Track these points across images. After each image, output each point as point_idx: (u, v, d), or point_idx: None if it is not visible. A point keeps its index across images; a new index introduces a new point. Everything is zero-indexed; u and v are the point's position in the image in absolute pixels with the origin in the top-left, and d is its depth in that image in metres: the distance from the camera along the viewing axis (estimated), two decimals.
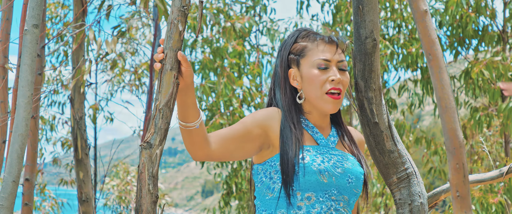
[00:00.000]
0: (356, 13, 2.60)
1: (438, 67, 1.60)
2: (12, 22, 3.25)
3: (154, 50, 6.01)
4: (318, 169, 2.02)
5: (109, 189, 9.57)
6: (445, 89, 1.61)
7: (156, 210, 1.87)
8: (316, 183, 2.02)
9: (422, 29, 1.62)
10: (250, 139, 2.04)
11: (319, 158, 2.05)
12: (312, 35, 2.18)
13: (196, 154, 1.97)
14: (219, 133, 2.01)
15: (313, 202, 2.03)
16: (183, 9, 1.88)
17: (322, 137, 2.13)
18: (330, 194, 2.03)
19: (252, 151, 2.07)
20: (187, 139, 1.95)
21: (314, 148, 2.08)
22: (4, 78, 3.27)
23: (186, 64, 1.90)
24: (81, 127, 5.33)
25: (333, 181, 2.03)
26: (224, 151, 2.00)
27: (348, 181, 2.05)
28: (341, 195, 2.05)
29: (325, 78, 2.09)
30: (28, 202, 4.01)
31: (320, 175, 2.02)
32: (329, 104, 2.09)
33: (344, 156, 2.11)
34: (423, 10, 1.62)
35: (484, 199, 5.01)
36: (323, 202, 2.03)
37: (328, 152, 2.09)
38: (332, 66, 2.11)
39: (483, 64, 5.84)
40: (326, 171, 2.03)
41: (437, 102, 1.63)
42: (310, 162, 2.03)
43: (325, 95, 2.09)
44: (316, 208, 2.02)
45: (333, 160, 2.07)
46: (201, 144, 1.95)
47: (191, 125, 1.93)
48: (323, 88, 2.09)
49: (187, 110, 1.93)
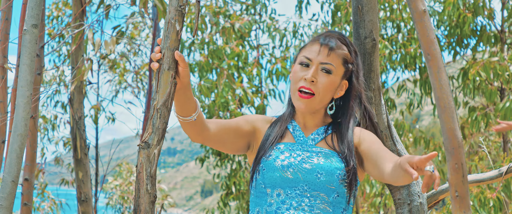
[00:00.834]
0: (355, 13, 2.60)
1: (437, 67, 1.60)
2: (12, 22, 3.25)
3: (152, 50, 6.00)
4: (280, 165, 2.06)
5: (112, 188, 9.58)
6: (443, 89, 1.61)
7: (154, 210, 1.87)
8: (281, 179, 2.05)
9: (421, 29, 1.62)
10: (241, 134, 2.15)
11: (285, 154, 2.08)
12: (320, 35, 2.19)
13: (194, 138, 2.09)
14: (217, 122, 2.11)
15: (283, 198, 2.05)
16: (180, 8, 1.88)
17: (302, 135, 2.15)
18: (301, 190, 2.04)
19: (242, 146, 2.18)
20: (186, 127, 2.05)
21: (287, 145, 2.12)
22: (3, 78, 3.27)
23: (183, 64, 1.92)
24: (80, 126, 5.32)
25: (300, 176, 2.04)
26: (218, 139, 2.11)
27: (316, 176, 2.04)
28: (315, 191, 2.04)
29: (301, 75, 2.11)
30: (27, 202, 4.01)
31: (283, 171, 2.05)
32: (298, 102, 2.12)
33: (320, 152, 2.10)
34: (422, 10, 1.62)
35: (482, 194, 5.02)
36: (293, 198, 2.04)
37: (301, 149, 2.11)
38: (312, 66, 2.11)
39: (480, 65, 5.84)
40: (290, 167, 2.05)
41: (436, 102, 1.63)
42: (274, 158, 2.07)
43: (297, 92, 2.11)
44: (286, 204, 2.04)
45: (302, 156, 2.08)
46: (199, 130, 2.05)
47: (188, 119, 2.01)
48: (296, 85, 2.12)
49: (184, 106, 2.00)
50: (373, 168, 2.06)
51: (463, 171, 1.62)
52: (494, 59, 5.89)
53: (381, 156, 2.02)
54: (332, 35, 2.18)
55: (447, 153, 1.65)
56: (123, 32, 5.74)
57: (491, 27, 6.57)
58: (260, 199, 2.09)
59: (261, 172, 2.08)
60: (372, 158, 2.06)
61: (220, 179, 7.45)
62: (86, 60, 5.51)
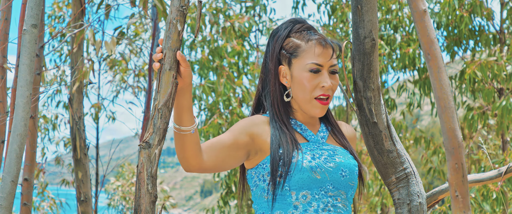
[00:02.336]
0: (355, 13, 2.60)
1: (437, 67, 1.60)
2: (11, 22, 3.25)
3: (153, 50, 6.01)
4: (309, 166, 2.02)
5: (114, 189, 9.58)
6: (444, 89, 1.61)
7: (154, 210, 1.87)
8: (309, 181, 2.01)
9: (421, 29, 1.62)
10: (239, 146, 2.05)
11: (309, 155, 2.04)
12: (306, 33, 2.15)
13: (189, 163, 1.97)
14: (209, 144, 2.01)
15: (309, 200, 2.02)
16: (182, 9, 1.88)
17: (312, 133, 2.14)
18: (326, 190, 2.02)
19: (242, 158, 2.08)
20: (181, 146, 1.94)
21: (304, 145, 2.08)
22: (3, 78, 3.27)
23: (185, 64, 1.90)
24: (80, 127, 5.32)
25: (327, 176, 2.02)
26: (215, 160, 2.00)
27: (341, 174, 2.04)
28: (338, 190, 2.04)
29: (316, 83, 2.08)
30: (27, 202, 4.01)
31: (312, 172, 2.01)
32: (317, 109, 2.09)
33: (335, 150, 2.10)
34: (422, 10, 1.62)
35: (485, 188, 5.02)
36: (319, 199, 2.02)
37: (318, 148, 2.08)
38: (324, 71, 2.09)
39: (477, 65, 5.83)
40: (318, 167, 2.02)
41: (436, 102, 1.63)
42: (300, 160, 2.02)
43: (314, 100, 2.08)
44: (313, 206, 2.01)
45: (324, 155, 2.06)
46: (194, 153, 1.94)
47: (186, 129, 1.92)
48: (313, 93, 2.08)
49: (183, 112, 1.93)
50: None
51: (463, 171, 1.62)
52: (491, 59, 5.88)
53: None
54: (312, 27, 2.18)
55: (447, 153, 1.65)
56: (124, 32, 5.74)
57: (490, 28, 6.57)
58: (281, 202, 2.04)
59: (288, 174, 2.02)
60: None
61: (219, 178, 7.45)
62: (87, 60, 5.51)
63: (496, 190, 5.00)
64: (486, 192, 5.03)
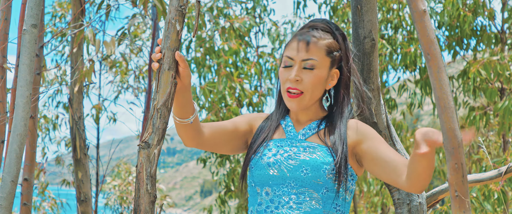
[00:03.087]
0: (354, 13, 2.60)
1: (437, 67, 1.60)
2: (11, 22, 3.25)
3: (152, 50, 6.01)
4: (267, 163, 2.03)
5: (111, 189, 9.56)
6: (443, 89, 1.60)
7: (154, 210, 1.87)
8: (268, 177, 2.02)
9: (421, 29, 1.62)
10: (238, 135, 2.13)
11: (272, 151, 2.06)
12: (299, 31, 2.15)
13: (188, 142, 2.07)
14: (212, 125, 2.09)
15: (271, 197, 2.02)
16: (180, 8, 1.88)
17: (293, 131, 2.12)
18: (289, 187, 2.00)
19: (239, 146, 2.16)
20: (181, 130, 2.03)
21: (276, 141, 2.09)
22: (3, 78, 3.26)
23: (184, 65, 1.91)
24: (80, 127, 5.32)
25: (286, 173, 2.01)
26: (214, 142, 2.09)
27: (302, 172, 2.00)
28: (303, 187, 2.00)
29: (286, 76, 2.08)
30: (26, 202, 4.01)
31: (269, 168, 2.02)
32: (288, 102, 2.09)
33: (308, 147, 2.06)
34: (422, 10, 1.62)
35: (486, 187, 5.01)
36: (280, 195, 2.01)
37: (290, 145, 2.07)
38: (295, 64, 2.07)
39: (481, 64, 5.83)
40: (276, 164, 2.02)
41: (435, 102, 1.63)
42: (261, 156, 2.05)
43: (286, 93, 2.09)
44: (274, 203, 2.01)
45: (290, 152, 2.04)
46: (194, 135, 2.04)
47: (185, 121, 2.00)
48: (284, 86, 2.09)
49: (183, 108, 1.98)
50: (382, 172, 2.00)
51: (463, 171, 1.62)
52: (494, 59, 5.88)
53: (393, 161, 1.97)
54: (315, 25, 2.13)
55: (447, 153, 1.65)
56: (125, 33, 5.74)
57: (491, 28, 6.57)
58: (252, 198, 2.07)
59: (251, 170, 2.06)
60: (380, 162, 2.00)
61: (219, 177, 7.46)
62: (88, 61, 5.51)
63: (497, 190, 4.99)
64: (487, 192, 5.02)
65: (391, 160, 1.99)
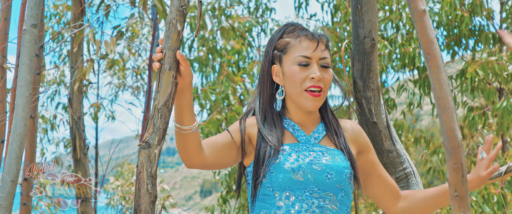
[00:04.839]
0: (354, 13, 2.60)
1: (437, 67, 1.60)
2: (11, 22, 3.25)
3: (153, 50, 6.01)
4: (290, 168, 2.02)
5: (114, 189, 9.57)
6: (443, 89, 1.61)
7: (154, 210, 1.87)
8: (291, 182, 2.02)
9: (421, 29, 1.62)
10: (236, 146, 2.10)
11: (293, 156, 2.05)
12: (297, 31, 2.16)
13: (190, 160, 2.00)
14: (209, 141, 2.05)
15: (293, 201, 2.02)
16: (181, 8, 1.88)
17: (304, 134, 2.13)
18: (311, 192, 2.02)
19: (239, 157, 2.13)
20: (182, 144, 1.97)
21: (291, 146, 2.09)
22: (3, 78, 3.27)
23: (185, 64, 1.91)
24: (79, 126, 5.32)
25: (310, 178, 2.02)
26: (216, 157, 2.04)
27: (327, 177, 2.03)
28: (324, 191, 2.02)
29: (305, 75, 2.08)
30: (26, 202, 4.01)
31: (294, 173, 2.02)
32: (309, 102, 2.09)
33: (326, 151, 2.09)
34: (422, 10, 1.62)
35: (485, 190, 5.01)
36: (303, 200, 2.01)
37: (307, 149, 2.08)
38: (313, 63, 2.09)
39: (478, 64, 5.83)
40: (300, 169, 2.02)
41: (435, 102, 1.63)
42: (282, 161, 2.03)
43: (305, 93, 2.09)
44: (296, 207, 2.01)
45: (311, 156, 2.05)
46: (195, 150, 1.97)
47: (187, 128, 1.94)
48: (302, 85, 2.09)
49: (184, 111, 1.94)
50: (376, 190, 2.18)
51: (463, 171, 1.62)
52: (492, 59, 5.88)
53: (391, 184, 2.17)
54: (305, 28, 2.18)
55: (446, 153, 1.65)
56: (123, 32, 5.74)
57: (489, 28, 6.58)
58: (266, 202, 2.05)
59: (269, 175, 2.04)
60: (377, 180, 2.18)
61: (220, 177, 7.45)
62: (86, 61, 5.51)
63: (496, 192, 5.00)
64: (486, 195, 5.02)
65: (390, 183, 2.20)
